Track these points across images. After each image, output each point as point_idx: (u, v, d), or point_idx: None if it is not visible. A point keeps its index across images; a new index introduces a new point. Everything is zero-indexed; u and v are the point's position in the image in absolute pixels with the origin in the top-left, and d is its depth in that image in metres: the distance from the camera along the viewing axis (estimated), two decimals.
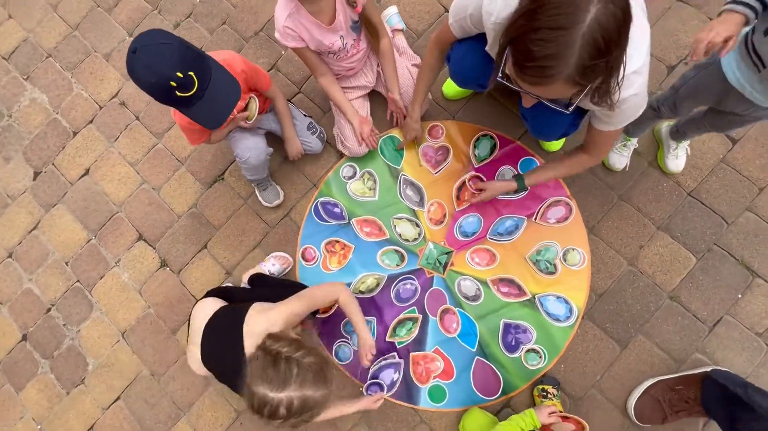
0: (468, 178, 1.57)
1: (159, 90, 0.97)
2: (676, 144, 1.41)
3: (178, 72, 0.94)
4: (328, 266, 1.59)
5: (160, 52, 0.94)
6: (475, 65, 1.13)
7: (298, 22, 1.20)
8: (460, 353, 1.48)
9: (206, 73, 1.02)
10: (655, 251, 1.46)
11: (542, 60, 0.70)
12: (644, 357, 1.41)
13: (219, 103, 1.06)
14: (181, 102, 1.00)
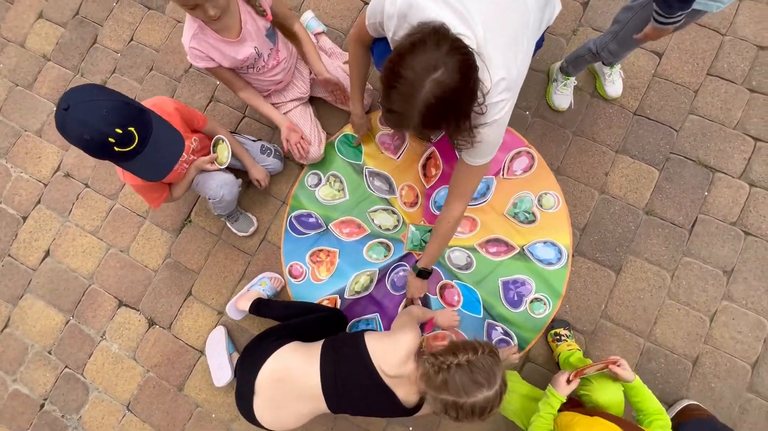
0: (431, 153, 1.60)
1: (95, 146, 0.95)
2: (609, 70, 1.49)
3: (117, 128, 0.93)
4: (317, 277, 1.59)
5: (96, 108, 0.92)
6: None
7: (205, 42, 1.18)
8: (469, 322, 1.50)
9: (146, 127, 1.01)
10: (620, 174, 1.53)
11: (392, 116, 0.84)
12: (639, 275, 1.47)
13: (162, 155, 1.04)
14: (120, 156, 0.98)
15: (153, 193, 1.27)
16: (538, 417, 1.12)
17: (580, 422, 1.03)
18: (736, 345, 1.41)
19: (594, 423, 1.02)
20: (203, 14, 1.06)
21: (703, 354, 1.42)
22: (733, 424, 1.37)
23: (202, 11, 1.05)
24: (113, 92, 0.99)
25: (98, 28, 1.88)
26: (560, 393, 1.10)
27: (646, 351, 1.44)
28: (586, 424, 1.02)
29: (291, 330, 1.28)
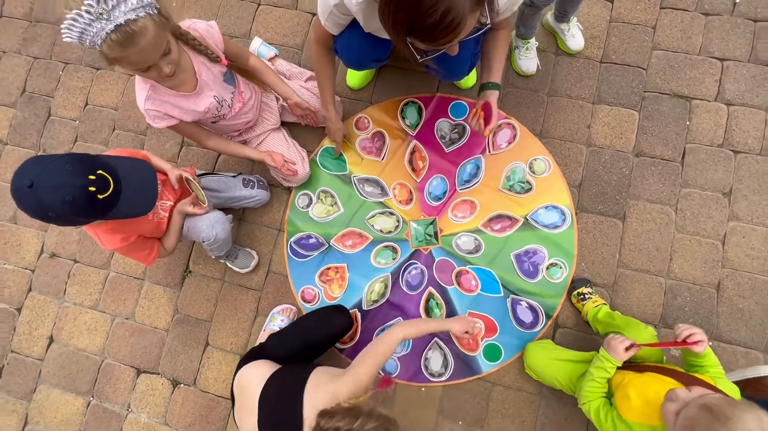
0: (414, 146, 1.60)
1: (81, 203, 0.90)
2: (567, 25, 1.51)
3: (89, 175, 0.90)
4: (331, 295, 1.57)
5: (58, 169, 0.88)
6: (362, 46, 1.17)
7: (160, 101, 1.14)
8: (492, 304, 1.50)
9: (110, 167, 0.97)
10: (602, 123, 1.55)
11: (444, 19, 0.77)
12: (644, 217, 1.49)
13: (140, 185, 1.02)
14: (107, 204, 0.94)
15: (142, 251, 1.24)
16: (590, 381, 1.11)
17: (633, 381, 1.03)
18: (752, 262, 1.44)
19: (648, 381, 1.02)
20: (158, 73, 1.03)
21: (723, 278, 1.45)
22: (762, 340, 1.39)
23: (156, 71, 1.02)
24: (56, 154, 0.96)
25: (49, 100, 1.84)
26: (617, 359, 1.07)
27: (669, 289, 1.46)
28: (639, 383, 1.02)
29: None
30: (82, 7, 0.84)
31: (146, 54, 0.96)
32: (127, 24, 0.88)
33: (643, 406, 0.99)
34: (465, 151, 1.58)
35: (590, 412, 1.10)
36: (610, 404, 1.09)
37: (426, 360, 1.50)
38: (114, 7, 0.86)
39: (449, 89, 1.63)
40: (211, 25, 1.18)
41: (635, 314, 1.45)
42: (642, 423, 0.97)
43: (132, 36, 0.90)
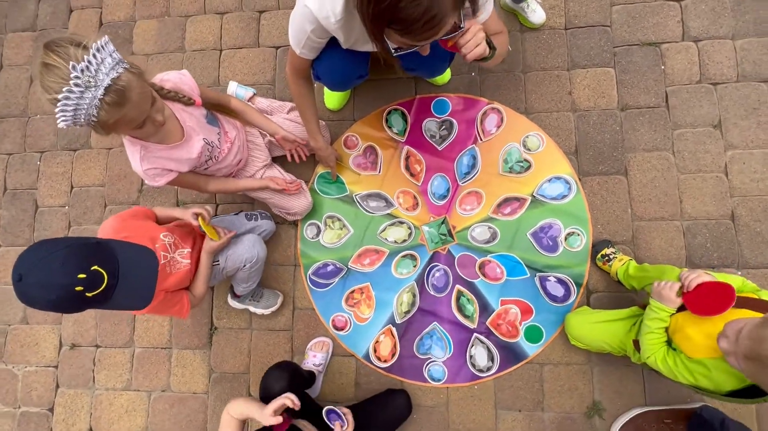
0: (407, 152, 1.62)
1: (66, 302, 0.88)
2: (525, 3, 1.54)
3: (80, 274, 0.86)
4: (362, 317, 1.57)
5: (48, 264, 0.85)
6: (344, 65, 1.19)
7: (155, 158, 1.14)
8: (521, 287, 1.51)
9: (110, 258, 0.93)
10: (582, 87, 1.59)
11: (426, 13, 0.78)
12: (645, 167, 1.53)
13: (138, 278, 0.96)
14: (97, 300, 0.90)
15: (173, 306, 1.22)
16: (648, 334, 1.11)
17: (686, 321, 1.05)
18: (758, 184, 1.48)
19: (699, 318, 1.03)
20: (152, 125, 1.03)
21: (735, 207, 1.48)
22: None
23: (150, 123, 1.02)
24: (60, 240, 0.93)
25: (33, 192, 1.82)
26: (671, 306, 1.07)
27: (687, 230, 1.48)
28: (693, 321, 1.03)
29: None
30: (70, 82, 0.84)
31: (140, 106, 0.97)
32: (114, 84, 0.89)
33: (707, 341, 1.00)
34: (458, 145, 1.60)
35: (657, 363, 1.10)
36: (672, 350, 1.10)
37: (471, 357, 1.51)
38: (97, 71, 0.87)
39: (428, 89, 1.65)
40: (183, 73, 1.20)
41: (661, 262, 1.48)
42: (714, 358, 0.98)
43: (124, 92, 0.91)
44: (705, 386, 1.03)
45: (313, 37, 1.07)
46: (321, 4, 0.97)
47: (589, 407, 1.46)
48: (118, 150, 1.79)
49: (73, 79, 0.84)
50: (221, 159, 1.31)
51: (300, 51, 1.12)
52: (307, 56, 1.15)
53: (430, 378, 1.52)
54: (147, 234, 1.17)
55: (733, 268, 1.46)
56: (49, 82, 0.86)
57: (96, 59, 0.86)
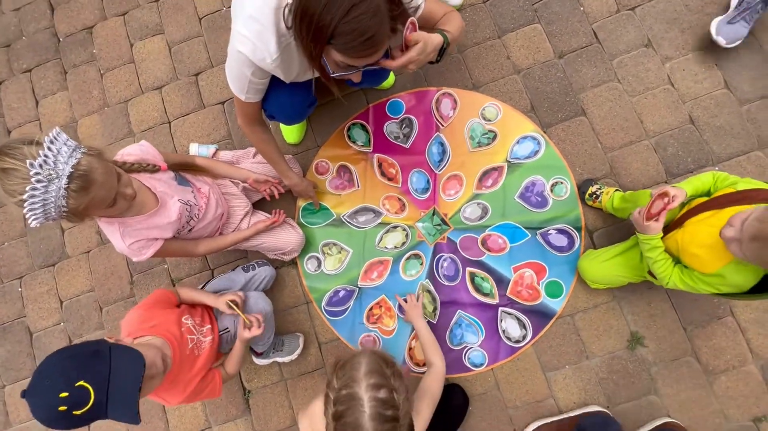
0: (378, 159, 1.65)
1: (56, 421, 0.83)
2: None
3: (61, 393, 0.81)
4: (387, 330, 1.57)
5: (40, 382, 0.83)
6: (293, 97, 1.22)
7: (136, 231, 1.13)
8: (527, 249, 1.55)
9: (101, 370, 0.87)
10: (518, 49, 1.67)
11: (367, 32, 0.84)
12: (598, 101, 1.61)
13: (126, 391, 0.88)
14: (89, 417, 0.84)
15: (205, 388, 1.20)
16: (653, 264, 1.14)
17: (684, 239, 1.09)
18: (703, 84, 1.57)
19: (695, 229, 1.07)
20: (124, 200, 1.03)
21: (691, 111, 1.57)
22: (752, 140, 1.51)
23: (121, 198, 1.02)
24: (59, 353, 0.88)
25: (23, 320, 1.77)
26: (651, 233, 1.11)
27: (657, 146, 1.56)
28: (690, 238, 1.07)
29: None
30: (32, 179, 0.84)
31: (107, 186, 0.97)
32: (76, 170, 0.89)
33: (713, 253, 1.04)
34: (422, 138, 1.65)
35: (677, 284, 1.13)
36: (685, 267, 1.13)
37: (504, 332, 1.52)
38: (56, 162, 0.87)
39: (377, 95, 1.71)
40: (142, 144, 1.20)
41: (644, 182, 1.55)
42: (726, 265, 1.01)
43: (87, 176, 0.91)
44: (727, 291, 1.07)
45: (254, 79, 1.09)
46: (254, 47, 1.00)
47: (629, 340, 1.49)
48: (96, 250, 1.76)
49: (33, 176, 0.84)
50: (202, 215, 1.31)
51: (245, 97, 1.15)
52: (253, 100, 1.17)
53: (472, 365, 1.52)
54: (172, 318, 1.17)
55: (709, 167, 1.53)
56: (11, 185, 0.85)
57: (52, 151, 0.87)
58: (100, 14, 1.92)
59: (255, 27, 0.98)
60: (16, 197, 0.86)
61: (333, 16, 0.83)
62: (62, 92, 1.89)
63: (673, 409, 1.45)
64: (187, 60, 1.83)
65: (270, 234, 1.51)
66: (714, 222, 1.02)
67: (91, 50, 1.90)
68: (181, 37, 1.85)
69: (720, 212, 1.03)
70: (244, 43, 1.00)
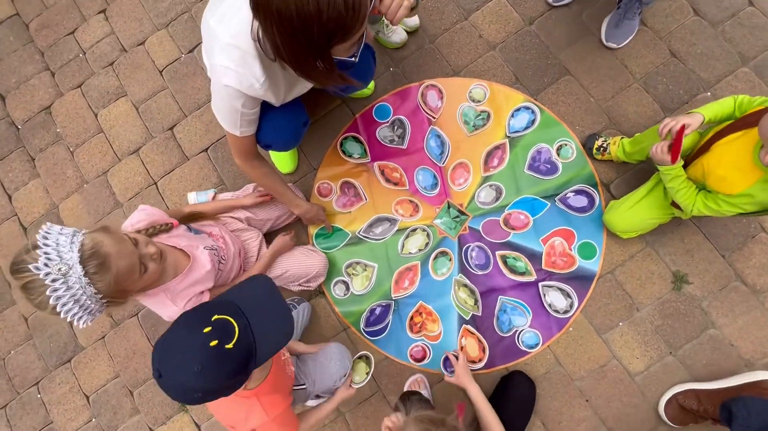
0: (378, 167, 1.62)
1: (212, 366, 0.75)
2: None
3: (204, 328, 0.75)
4: (433, 335, 1.54)
5: (175, 339, 0.77)
6: (286, 119, 1.19)
7: (183, 292, 1.10)
8: (550, 218, 1.55)
9: (224, 303, 0.83)
10: (487, 24, 1.69)
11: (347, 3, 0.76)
12: (579, 57, 1.63)
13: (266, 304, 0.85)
14: (243, 350, 0.78)
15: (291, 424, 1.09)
16: (676, 193, 1.16)
17: (710, 162, 1.10)
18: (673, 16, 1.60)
19: (721, 151, 1.08)
20: (153, 262, 0.98)
21: (669, 45, 1.59)
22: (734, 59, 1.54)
23: (148, 260, 0.97)
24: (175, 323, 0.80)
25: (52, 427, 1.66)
26: (673, 164, 1.12)
27: (646, 86, 1.58)
28: (717, 161, 1.08)
29: None
30: (47, 282, 0.79)
31: (124, 253, 0.91)
32: (83, 252, 0.84)
33: (738, 173, 1.05)
34: (418, 135, 1.63)
35: (702, 210, 1.15)
36: (708, 192, 1.15)
37: (550, 306, 1.50)
38: (59, 254, 0.82)
39: (361, 105, 1.68)
40: (142, 209, 1.16)
41: (644, 123, 1.56)
42: (754, 184, 1.02)
43: (98, 251, 0.86)
44: (751, 210, 1.09)
45: (245, 110, 1.06)
46: (239, 76, 0.97)
47: (673, 280, 1.48)
48: (112, 333, 1.67)
49: (46, 278, 0.80)
50: (227, 256, 1.28)
51: (240, 131, 1.11)
52: (248, 133, 1.14)
53: (528, 348, 1.49)
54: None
55: (701, 93, 1.55)
56: (37, 299, 0.82)
57: (49, 246, 0.82)
58: (54, 92, 1.85)
59: (235, 54, 0.95)
60: (48, 308, 0.81)
61: (313, 23, 0.77)
62: (34, 180, 1.80)
63: (734, 337, 1.44)
64: (158, 116, 1.77)
65: (292, 261, 1.46)
66: (745, 141, 1.02)
67: (54, 130, 1.82)
68: (146, 95, 1.79)
69: (750, 131, 1.03)
70: (227, 75, 0.97)
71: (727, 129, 1.10)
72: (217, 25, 0.95)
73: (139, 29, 1.84)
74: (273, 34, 0.81)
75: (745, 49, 1.55)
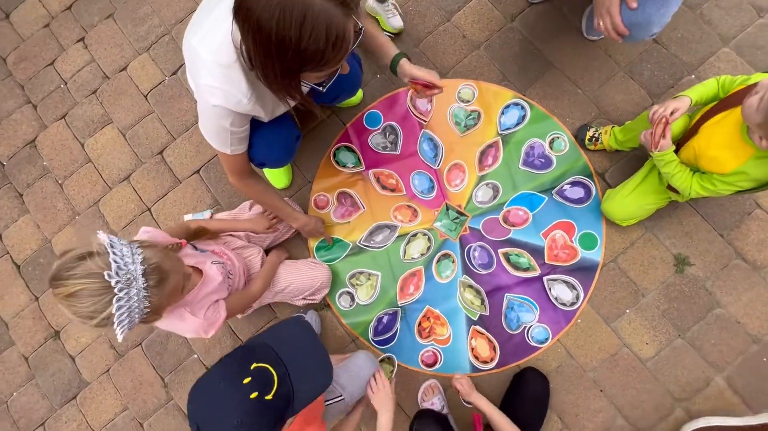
0: (373, 174, 1.62)
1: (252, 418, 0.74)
2: (383, 4, 1.60)
3: (245, 379, 0.74)
4: (443, 339, 1.54)
5: (214, 392, 0.76)
6: (278, 134, 1.19)
7: (200, 302, 1.10)
8: (549, 211, 1.55)
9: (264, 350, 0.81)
10: (470, 24, 1.70)
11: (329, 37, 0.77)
12: (564, 48, 1.64)
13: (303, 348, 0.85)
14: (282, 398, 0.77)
15: None
16: (672, 178, 1.17)
17: (701, 144, 1.11)
18: None
19: (711, 132, 1.09)
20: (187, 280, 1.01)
21: None
22: (714, 40, 1.56)
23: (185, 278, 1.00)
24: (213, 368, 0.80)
25: None
26: (665, 149, 1.14)
27: (632, 72, 1.60)
28: (706, 141, 1.10)
29: None
30: (115, 290, 0.79)
31: (177, 269, 0.95)
32: (146, 265, 0.85)
33: (729, 152, 1.06)
34: (410, 139, 1.63)
35: (699, 191, 1.16)
36: (702, 173, 1.16)
37: (556, 299, 1.50)
38: (126, 264, 0.82)
39: (351, 114, 1.68)
40: (146, 230, 1.13)
41: (633, 111, 1.57)
42: (747, 160, 1.03)
43: (160, 266, 0.88)
44: (748, 187, 1.10)
45: (235, 129, 1.05)
46: (226, 93, 0.96)
47: (675, 263, 1.49)
48: (116, 365, 1.64)
49: (115, 286, 0.79)
50: (233, 271, 1.28)
51: (231, 150, 1.10)
52: (240, 151, 1.13)
53: (538, 343, 1.49)
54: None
55: (686, 77, 1.57)
56: (85, 307, 0.78)
57: (117, 255, 0.81)
58: (38, 125, 1.82)
59: (219, 71, 0.94)
60: (96, 317, 0.79)
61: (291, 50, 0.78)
62: (24, 217, 1.77)
63: (740, 314, 1.46)
64: (146, 141, 1.75)
65: (295, 274, 1.45)
66: (731, 120, 1.04)
67: (41, 164, 1.79)
68: (132, 121, 1.77)
69: (735, 110, 1.04)
70: (214, 95, 0.96)
71: (713, 110, 1.11)
72: (199, 44, 0.95)
73: (120, 55, 1.82)
74: (248, 40, 0.81)
75: (724, 30, 1.58)
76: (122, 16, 1.85)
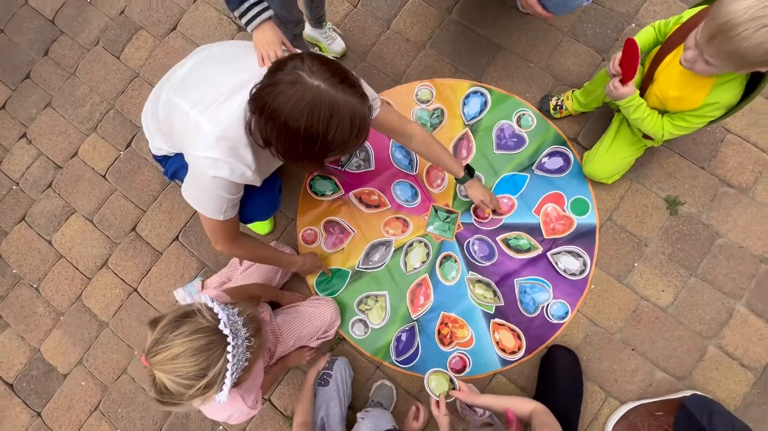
0: (355, 195, 1.59)
1: None
2: (321, 30, 1.59)
3: None
4: (465, 341, 1.51)
5: None
6: (263, 193, 1.15)
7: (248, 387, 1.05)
8: (535, 188, 1.56)
9: None
10: (409, 26, 1.71)
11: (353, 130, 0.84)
12: (508, 28, 1.66)
13: None
14: None
15: None
16: (642, 122, 1.19)
17: (660, 87, 1.14)
18: None
19: (669, 73, 1.11)
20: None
21: None
22: None
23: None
24: None
25: None
26: (629, 95, 1.15)
27: (574, 35, 1.63)
28: (665, 83, 1.12)
29: None
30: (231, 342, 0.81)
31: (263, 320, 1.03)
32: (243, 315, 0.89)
33: (691, 87, 1.09)
34: (381, 152, 1.63)
35: (673, 132, 1.18)
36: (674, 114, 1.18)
37: (565, 272, 1.50)
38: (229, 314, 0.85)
39: None
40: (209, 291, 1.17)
41: (587, 71, 1.61)
42: (711, 90, 1.06)
43: (255, 317, 0.92)
44: (719, 115, 1.12)
45: (232, 197, 1.03)
46: (231, 167, 0.96)
47: (668, 206, 1.51)
48: None
49: (228, 336, 0.81)
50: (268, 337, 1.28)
51: (225, 216, 1.06)
52: (232, 215, 1.10)
53: (559, 319, 1.48)
54: None
55: (627, 27, 1.61)
56: (197, 363, 0.77)
57: (221, 308, 0.84)
58: None
59: (226, 146, 0.94)
60: (208, 374, 0.78)
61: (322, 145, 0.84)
62: (5, 331, 1.67)
63: (741, 239, 1.48)
64: (116, 221, 1.68)
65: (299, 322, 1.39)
66: (679, 59, 1.06)
67: (10, 272, 1.70)
68: (96, 204, 1.70)
69: (679, 49, 1.08)
70: (219, 168, 0.95)
71: (660, 54, 1.15)
72: (200, 116, 0.95)
73: (68, 141, 1.76)
74: (271, 135, 0.85)
75: None
76: (60, 102, 1.79)
